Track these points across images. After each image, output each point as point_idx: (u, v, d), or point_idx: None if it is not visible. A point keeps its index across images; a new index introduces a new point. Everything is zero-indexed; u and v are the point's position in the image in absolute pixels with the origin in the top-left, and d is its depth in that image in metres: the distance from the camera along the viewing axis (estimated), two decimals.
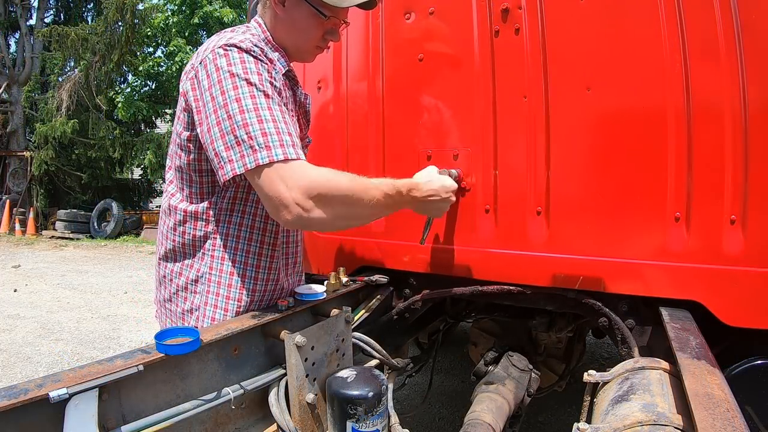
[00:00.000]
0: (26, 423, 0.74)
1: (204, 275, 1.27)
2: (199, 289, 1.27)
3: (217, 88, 1.10)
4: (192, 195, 1.26)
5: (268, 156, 1.07)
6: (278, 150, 1.08)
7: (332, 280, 1.42)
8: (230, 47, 1.13)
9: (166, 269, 1.32)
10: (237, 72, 1.11)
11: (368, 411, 1.07)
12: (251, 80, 1.11)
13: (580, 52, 1.37)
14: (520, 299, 1.51)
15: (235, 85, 1.10)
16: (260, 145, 1.07)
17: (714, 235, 1.23)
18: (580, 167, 1.39)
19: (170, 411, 0.92)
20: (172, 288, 1.31)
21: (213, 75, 1.12)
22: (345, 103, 1.77)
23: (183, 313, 1.30)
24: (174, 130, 1.28)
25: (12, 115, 13.91)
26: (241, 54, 1.13)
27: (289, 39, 1.29)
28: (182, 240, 1.27)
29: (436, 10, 1.58)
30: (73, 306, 5.52)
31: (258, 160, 1.07)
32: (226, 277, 1.26)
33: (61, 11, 15.75)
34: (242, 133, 1.07)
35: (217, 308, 1.26)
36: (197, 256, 1.27)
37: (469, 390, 1.57)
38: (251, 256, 1.28)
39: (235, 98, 1.09)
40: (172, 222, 1.28)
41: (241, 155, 1.08)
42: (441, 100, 1.59)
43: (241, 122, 1.08)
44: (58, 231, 12.07)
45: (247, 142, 1.07)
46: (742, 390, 1.07)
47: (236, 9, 12.29)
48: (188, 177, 1.25)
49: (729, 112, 1.20)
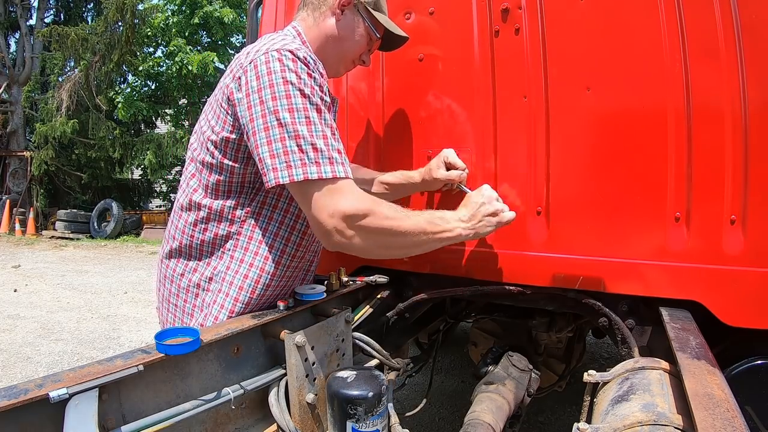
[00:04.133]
0: (26, 423, 0.74)
1: (219, 274, 1.25)
2: (212, 287, 1.25)
3: (268, 91, 1.07)
4: (218, 192, 1.23)
5: (318, 172, 1.05)
6: (327, 168, 1.06)
7: (332, 280, 1.42)
8: (285, 52, 1.10)
9: (178, 264, 1.29)
10: (291, 80, 1.08)
11: (368, 411, 1.07)
12: (305, 92, 1.08)
13: (580, 52, 1.37)
14: (520, 299, 1.51)
15: (288, 94, 1.07)
16: (311, 159, 1.05)
17: (714, 235, 1.23)
18: (580, 167, 1.39)
19: (170, 411, 0.91)
20: (183, 283, 1.28)
21: (264, 77, 1.08)
22: (345, 103, 1.77)
23: (193, 309, 1.27)
24: (205, 123, 1.23)
25: (12, 115, 13.91)
26: (296, 63, 1.10)
27: (333, 50, 1.30)
28: (202, 236, 1.25)
29: (436, 10, 1.58)
30: (73, 306, 5.52)
31: (307, 174, 1.05)
32: (239, 279, 1.24)
33: (61, 11, 15.75)
34: (292, 144, 1.05)
35: (223, 308, 1.24)
36: (216, 255, 1.25)
37: (469, 390, 1.57)
38: (269, 263, 1.25)
39: (288, 108, 1.06)
40: (193, 218, 1.25)
41: (287, 165, 1.05)
42: (441, 100, 1.59)
43: (293, 133, 1.05)
44: (58, 231, 12.06)
45: (297, 153, 1.05)
46: (742, 390, 1.07)
47: (236, 9, 12.29)
48: (217, 174, 1.21)
49: (729, 112, 1.20)
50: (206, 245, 1.25)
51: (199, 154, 1.24)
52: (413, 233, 1.16)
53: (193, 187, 1.26)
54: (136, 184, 15.57)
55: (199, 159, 1.24)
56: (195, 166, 1.26)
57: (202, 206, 1.23)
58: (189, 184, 1.28)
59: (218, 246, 1.25)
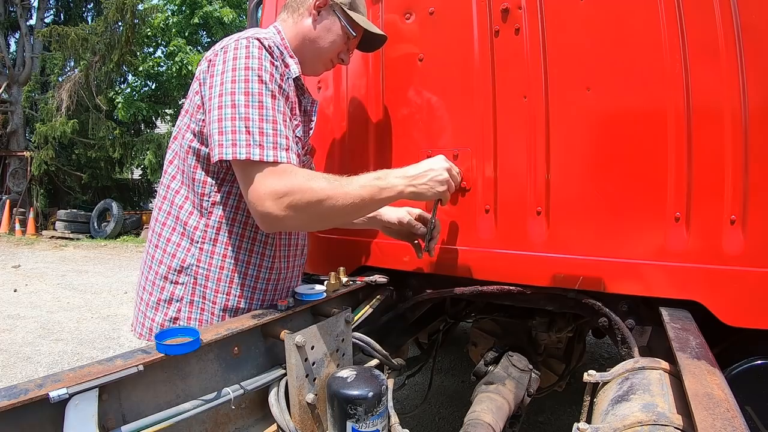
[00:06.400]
0: (26, 423, 0.74)
1: (190, 267, 1.27)
2: (181, 279, 1.28)
3: (229, 75, 1.14)
4: (193, 180, 1.27)
5: (260, 155, 1.10)
6: (270, 152, 1.11)
7: (332, 280, 1.42)
8: (253, 39, 1.18)
9: (147, 255, 1.34)
10: (252, 66, 1.15)
11: (368, 411, 1.07)
12: (263, 78, 1.15)
13: (580, 52, 1.37)
14: (520, 299, 1.51)
15: (247, 78, 1.14)
16: (255, 141, 1.11)
17: (714, 235, 1.23)
18: (581, 167, 1.39)
19: (170, 411, 0.91)
20: (150, 275, 1.31)
21: (229, 62, 1.15)
22: (345, 103, 1.77)
23: (157, 303, 1.29)
24: (184, 109, 1.30)
25: (12, 115, 13.90)
26: (261, 50, 1.17)
27: (311, 49, 1.36)
28: (174, 225, 1.29)
29: (436, 10, 1.58)
30: (73, 306, 5.52)
31: (249, 155, 1.10)
32: (215, 271, 1.27)
33: (61, 11, 15.75)
34: (241, 125, 1.11)
35: (206, 300, 1.27)
36: (183, 246, 1.28)
37: (469, 390, 1.57)
38: (243, 253, 1.29)
39: (244, 91, 1.13)
40: (166, 206, 1.31)
41: (233, 143, 1.11)
42: (441, 100, 1.59)
43: (244, 114, 1.11)
44: (58, 231, 12.06)
45: (243, 134, 1.11)
46: (742, 390, 1.07)
47: (236, 9, 12.29)
48: (193, 159, 1.26)
49: (729, 112, 1.20)
50: (175, 234, 1.29)
51: (176, 139, 1.31)
52: (348, 201, 1.18)
53: (171, 173, 1.32)
54: (136, 184, 15.56)
55: (176, 144, 1.30)
56: (172, 152, 1.33)
57: (180, 190, 1.29)
58: (167, 170, 1.34)
59: (188, 237, 1.28)
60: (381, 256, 1.71)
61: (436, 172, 1.31)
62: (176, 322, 1.28)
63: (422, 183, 1.30)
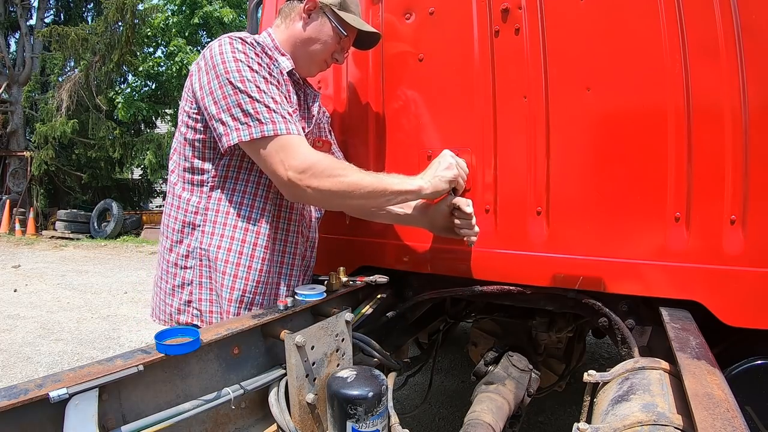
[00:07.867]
0: (26, 423, 0.74)
1: (195, 250, 1.33)
2: (189, 263, 1.34)
3: (221, 67, 1.22)
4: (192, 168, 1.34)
5: (273, 130, 1.20)
6: (281, 125, 1.21)
7: (332, 280, 1.42)
8: (235, 38, 1.27)
9: (161, 246, 1.41)
10: (240, 58, 1.24)
11: (368, 411, 1.07)
12: (253, 67, 1.24)
13: (580, 52, 1.37)
14: (520, 299, 1.51)
15: (239, 68, 1.22)
16: (265, 119, 1.20)
17: (714, 235, 1.23)
18: (580, 167, 1.39)
19: (170, 411, 0.92)
20: (164, 264, 1.38)
21: (217, 57, 1.24)
22: (345, 103, 1.77)
23: (173, 289, 1.35)
24: (180, 109, 1.37)
25: (12, 115, 13.90)
26: (244, 46, 1.26)
27: (303, 50, 1.42)
28: (176, 215, 1.35)
29: (436, 10, 1.58)
30: (73, 306, 5.52)
31: (264, 132, 1.19)
32: (215, 251, 1.32)
33: (61, 11, 15.75)
34: (248, 107, 1.20)
35: (213, 281, 1.33)
36: (186, 232, 1.34)
37: (469, 390, 1.57)
38: (250, 234, 1.34)
39: (240, 79, 1.21)
40: (170, 198, 1.39)
41: (242, 126, 1.20)
42: (441, 100, 1.59)
43: (248, 98, 1.20)
44: (58, 231, 12.06)
45: (253, 115, 1.20)
46: (742, 390, 1.07)
47: (236, 9, 12.29)
48: (190, 149, 1.33)
49: (729, 112, 1.20)
50: (178, 222, 1.35)
51: (175, 133, 1.38)
52: (368, 185, 1.27)
53: (171, 167, 1.40)
54: (136, 184, 15.57)
55: (176, 137, 1.38)
56: (172, 147, 1.41)
57: (176, 187, 1.36)
58: (170, 165, 1.41)
59: (189, 221, 1.34)
60: (381, 256, 1.71)
61: (440, 163, 1.41)
62: (190, 305, 1.35)
63: (431, 177, 1.37)
